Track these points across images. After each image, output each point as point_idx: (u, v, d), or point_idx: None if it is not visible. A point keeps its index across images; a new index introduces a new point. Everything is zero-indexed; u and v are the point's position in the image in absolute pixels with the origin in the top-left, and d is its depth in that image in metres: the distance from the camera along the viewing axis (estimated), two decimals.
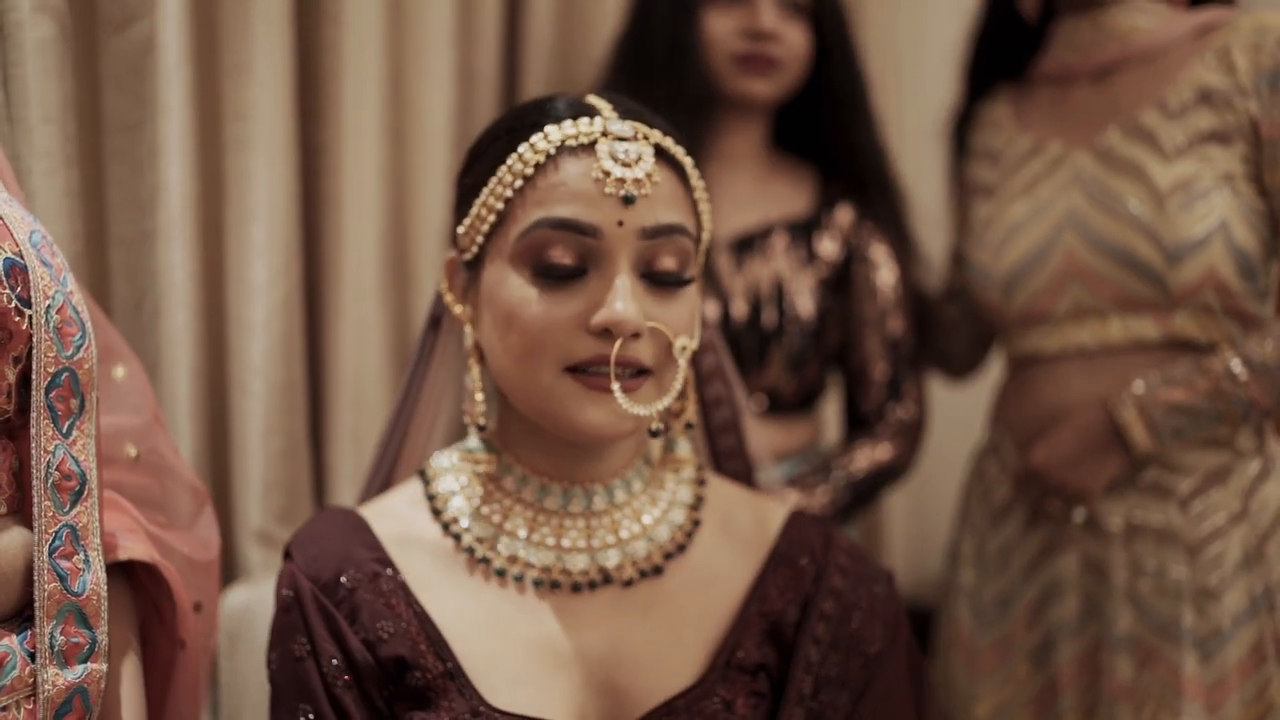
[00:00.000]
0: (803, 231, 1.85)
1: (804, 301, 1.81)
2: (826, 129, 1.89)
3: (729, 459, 1.32)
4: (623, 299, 1.02)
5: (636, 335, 1.04)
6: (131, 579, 1.14)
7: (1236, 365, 1.55)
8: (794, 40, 1.78)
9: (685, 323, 1.08)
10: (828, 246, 1.85)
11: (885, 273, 1.86)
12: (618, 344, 1.03)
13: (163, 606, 1.17)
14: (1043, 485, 1.66)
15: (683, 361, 1.07)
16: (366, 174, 1.69)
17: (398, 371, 1.78)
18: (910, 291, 1.89)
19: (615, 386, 1.02)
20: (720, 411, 1.31)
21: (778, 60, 1.77)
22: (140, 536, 1.14)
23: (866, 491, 1.82)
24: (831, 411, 2.09)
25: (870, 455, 1.82)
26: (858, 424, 1.90)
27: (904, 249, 1.89)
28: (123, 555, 1.10)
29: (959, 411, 2.12)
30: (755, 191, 1.86)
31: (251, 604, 1.48)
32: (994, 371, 2.00)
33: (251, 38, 1.53)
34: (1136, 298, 1.62)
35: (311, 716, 1.05)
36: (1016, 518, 1.75)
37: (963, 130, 1.95)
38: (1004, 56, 1.88)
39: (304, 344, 1.63)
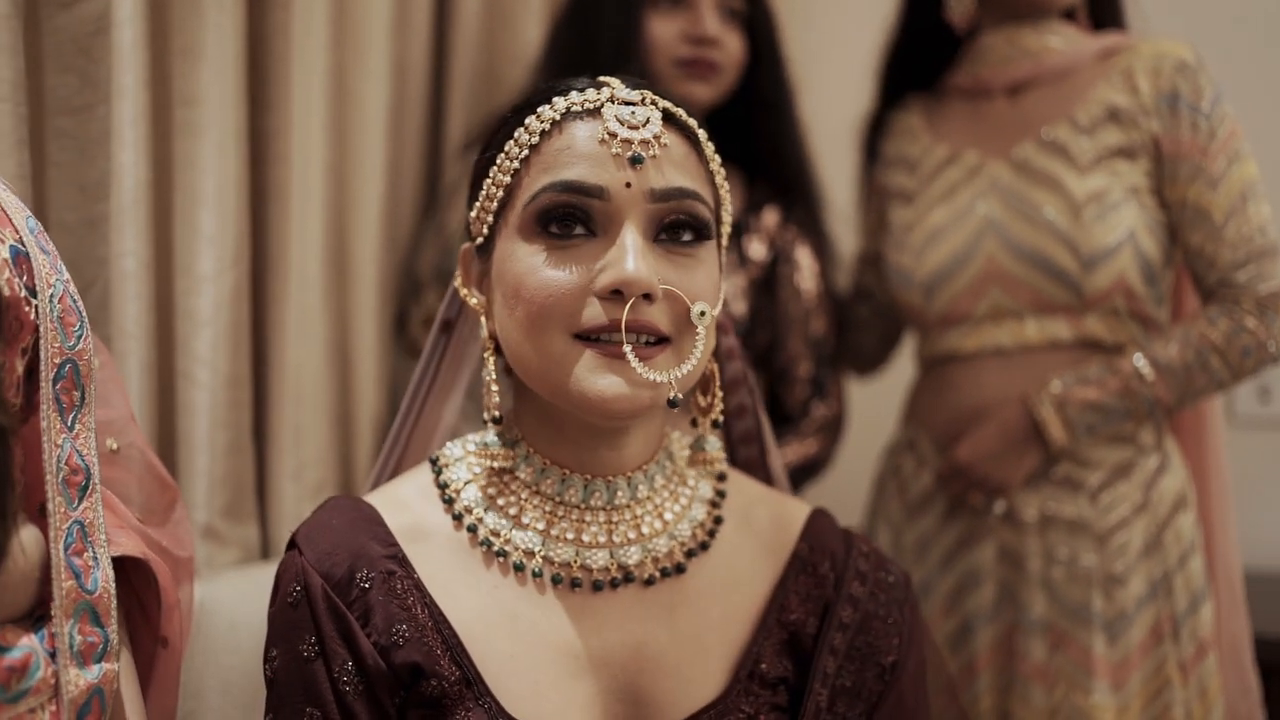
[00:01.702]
0: (733, 234, 1.90)
1: (737, 303, 1.86)
2: (755, 133, 1.94)
3: (749, 470, 1.30)
4: (632, 257, 0.98)
5: (649, 298, 0.98)
6: (116, 576, 1.11)
7: (1144, 366, 1.67)
8: (733, 46, 1.83)
9: (704, 289, 1.03)
10: (756, 248, 1.91)
11: (808, 274, 1.93)
12: (628, 305, 0.97)
13: (147, 603, 1.13)
14: (966, 479, 1.75)
15: (702, 328, 1.01)
16: (311, 165, 1.66)
17: (338, 366, 1.76)
18: (830, 292, 1.96)
19: (628, 349, 0.98)
20: (743, 421, 1.29)
21: (719, 65, 1.82)
22: (129, 532, 1.11)
23: (793, 486, 1.88)
24: None
25: (798, 450, 1.89)
26: (781, 420, 1.96)
27: (824, 251, 1.96)
28: (115, 551, 1.06)
29: (857, 409, 2.21)
30: None
31: (205, 601, 1.44)
32: (897, 370, 2.10)
33: (203, 20, 1.49)
34: (1052, 301, 1.73)
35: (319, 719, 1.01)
36: (934, 510, 1.83)
37: (874, 137, 2.03)
38: (917, 68, 1.98)
39: (250, 337, 1.59)
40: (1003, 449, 1.72)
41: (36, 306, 0.98)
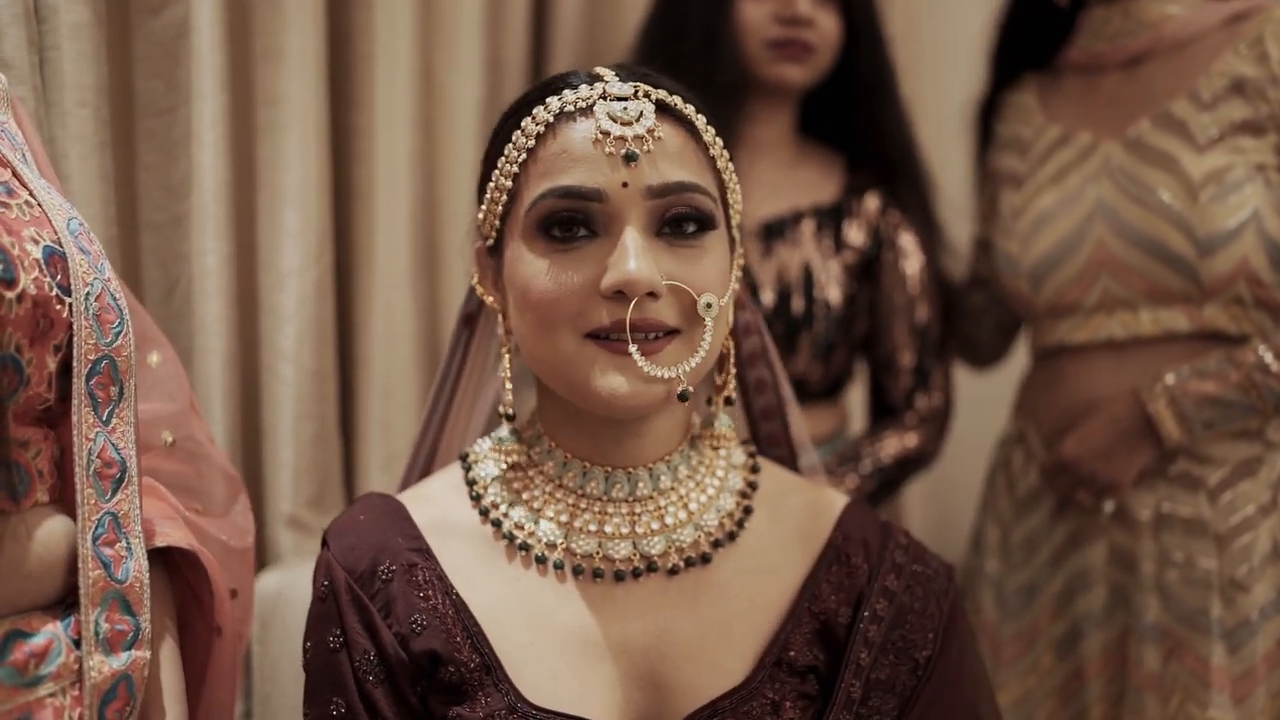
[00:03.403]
0: (831, 218, 1.85)
1: (832, 289, 1.81)
2: (854, 116, 1.88)
3: (772, 445, 1.28)
4: (634, 257, 0.97)
5: (654, 295, 0.99)
6: (169, 565, 1.14)
7: (1268, 357, 1.55)
8: (827, 26, 1.78)
9: (710, 280, 1.02)
10: (855, 234, 1.85)
11: (913, 261, 1.86)
12: (632, 305, 0.98)
13: (200, 593, 1.16)
14: (1073, 476, 1.66)
15: (709, 320, 1.01)
16: (397, 161, 1.69)
17: (427, 360, 1.78)
18: (937, 280, 1.89)
19: (633, 349, 0.98)
20: (764, 396, 1.27)
21: (812, 46, 1.77)
22: (178, 523, 1.14)
23: (893, 479, 1.83)
24: (856, 399, 2.09)
25: (899, 443, 1.82)
26: (885, 412, 1.90)
27: (931, 237, 1.89)
28: (161, 542, 1.09)
29: (979, 399, 2.12)
30: (783, 178, 1.86)
31: (283, 589, 1.48)
32: (1015, 359, 2.00)
33: (284, 21, 1.53)
34: (1167, 289, 1.62)
35: (343, 709, 1.03)
36: (1043, 508, 1.75)
37: (988, 119, 1.94)
38: (1031, 45, 1.88)
39: (334, 331, 1.63)
40: (1112, 445, 1.63)
41: (70, 305, 1.01)
